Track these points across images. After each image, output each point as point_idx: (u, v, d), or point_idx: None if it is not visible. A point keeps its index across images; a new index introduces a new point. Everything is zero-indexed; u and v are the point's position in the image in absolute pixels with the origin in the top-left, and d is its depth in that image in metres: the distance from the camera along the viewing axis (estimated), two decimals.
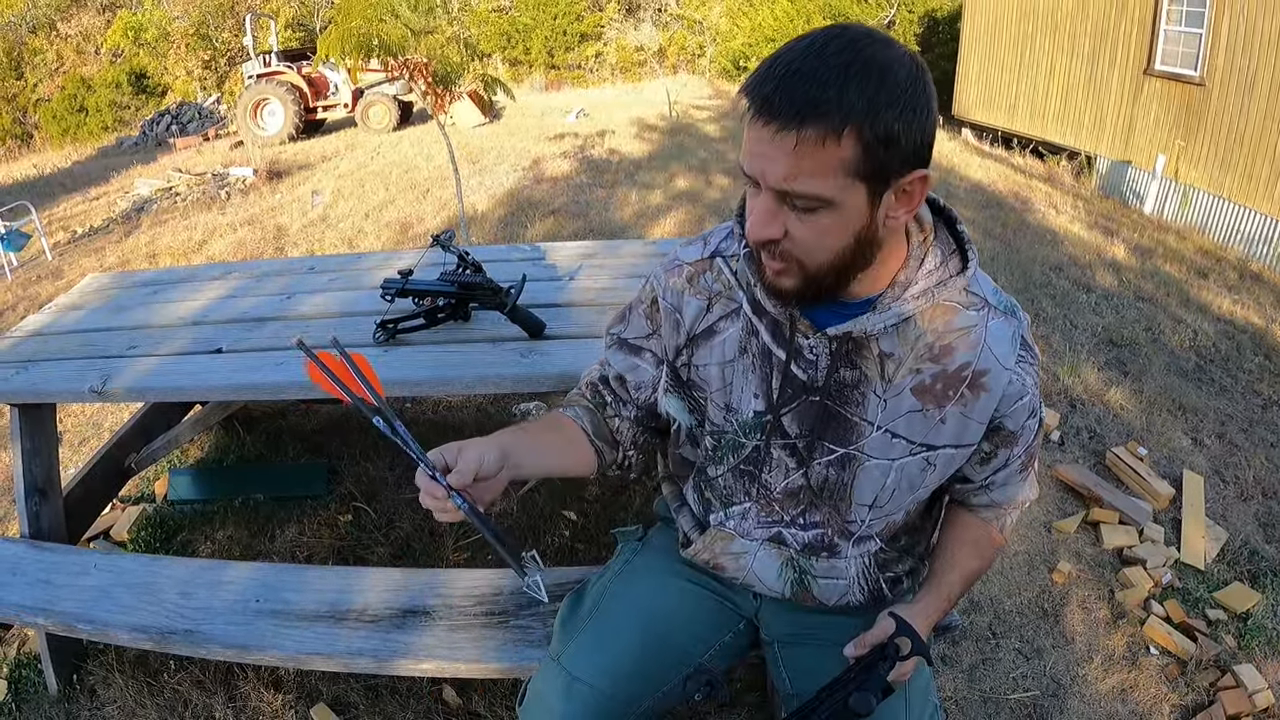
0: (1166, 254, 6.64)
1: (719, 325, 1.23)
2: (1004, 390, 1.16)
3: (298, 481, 3.03)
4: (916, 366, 1.14)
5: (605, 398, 1.38)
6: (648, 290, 1.33)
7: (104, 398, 2.00)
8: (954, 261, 1.14)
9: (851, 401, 1.17)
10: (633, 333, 1.36)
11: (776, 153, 0.95)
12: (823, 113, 0.91)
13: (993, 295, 1.17)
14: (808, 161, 0.94)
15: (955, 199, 7.70)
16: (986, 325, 1.14)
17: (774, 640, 1.46)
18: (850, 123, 0.92)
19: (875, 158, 0.94)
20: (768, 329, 1.18)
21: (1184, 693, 2.24)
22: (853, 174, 0.95)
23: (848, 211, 0.98)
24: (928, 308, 1.11)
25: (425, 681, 2.19)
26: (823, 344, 1.14)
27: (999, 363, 1.14)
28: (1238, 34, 8.70)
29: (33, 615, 1.88)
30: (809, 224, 0.99)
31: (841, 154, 0.93)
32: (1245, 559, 2.74)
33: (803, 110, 0.91)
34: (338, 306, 2.38)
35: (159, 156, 12.87)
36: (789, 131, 0.93)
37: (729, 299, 1.22)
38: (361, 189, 8.69)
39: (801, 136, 0.92)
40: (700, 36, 20.39)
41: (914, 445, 1.19)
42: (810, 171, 0.94)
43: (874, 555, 1.33)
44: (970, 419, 1.17)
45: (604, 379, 1.41)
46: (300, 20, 22.47)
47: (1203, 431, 3.53)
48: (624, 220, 6.87)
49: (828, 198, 0.96)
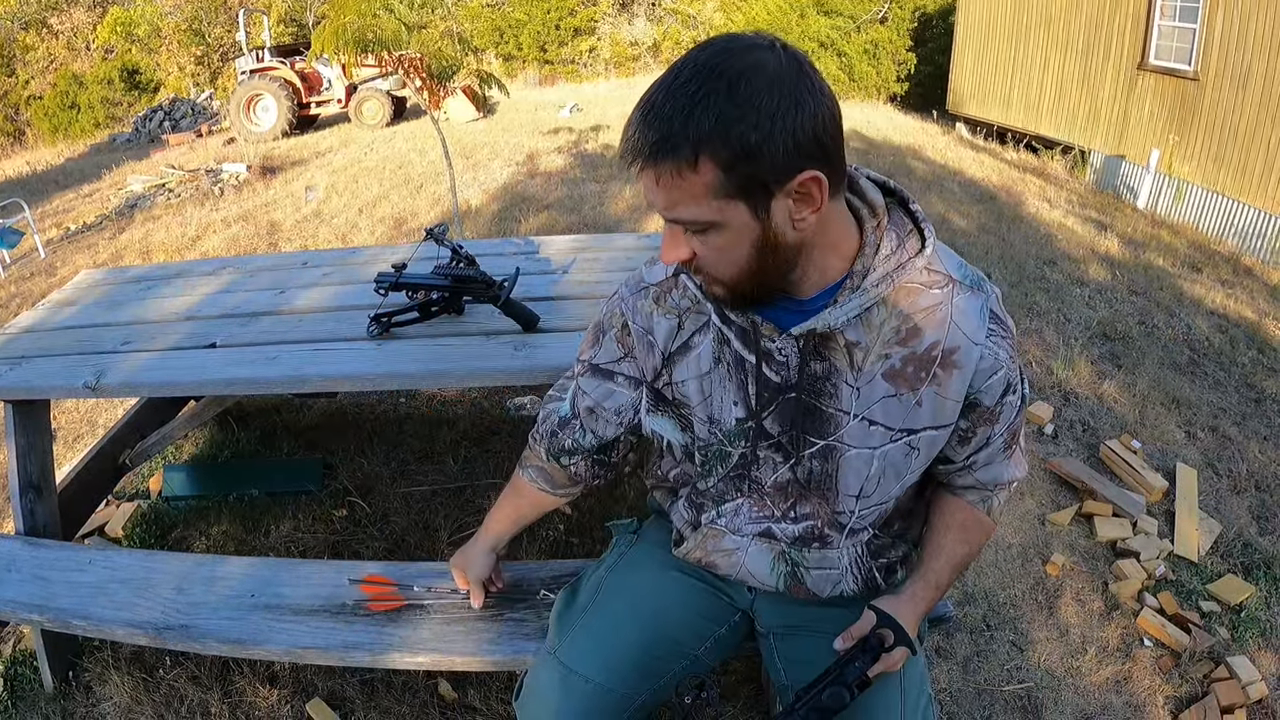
0: (1160, 248, 6.65)
1: (693, 340, 1.23)
2: (976, 366, 1.15)
3: (292, 477, 3.03)
4: (885, 352, 1.13)
5: (564, 444, 1.47)
6: (616, 315, 1.32)
7: (98, 393, 1.99)
8: (911, 242, 1.12)
9: (825, 394, 1.17)
10: (604, 358, 1.36)
11: (653, 187, 1.00)
12: (672, 145, 0.94)
13: (957, 270, 1.16)
14: (675, 192, 0.98)
15: (949, 193, 7.70)
16: (952, 302, 1.13)
17: (769, 632, 1.46)
18: (702, 150, 0.94)
19: (740, 174, 0.95)
20: (737, 336, 1.18)
21: (1178, 684, 2.25)
22: (723, 195, 0.97)
23: (737, 228, 1.00)
24: (890, 291, 1.10)
25: (421, 675, 2.19)
26: (790, 343, 1.14)
27: (968, 338, 1.14)
28: (1231, 28, 8.72)
29: (28, 612, 1.88)
30: (707, 244, 1.03)
31: (703, 180, 0.96)
32: (1238, 551, 2.75)
33: (653, 147, 0.96)
34: (331, 301, 2.37)
35: (152, 153, 12.81)
36: (649, 169, 0.98)
37: (698, 313, 1.22)
38: (355, 184, 8.67)
39: (659, 171, 0.97)
40: (694, 31, 20.37)
41: (893, 432, 1.18)
42: (681, 200, 0.99)
43: (866, 544, 1.33)
44: (946, 398, 1.17)
45: (568, 419, 1.46)
46: (293, 15, 22.39)
47: (1196, 425, 3.54)
48: (617, 214, 6.86)
49: (708, 220, 1.00)
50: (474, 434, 3.28)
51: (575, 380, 1.43)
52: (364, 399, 3.56)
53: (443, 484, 2.97)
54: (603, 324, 1.35)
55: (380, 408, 3.53)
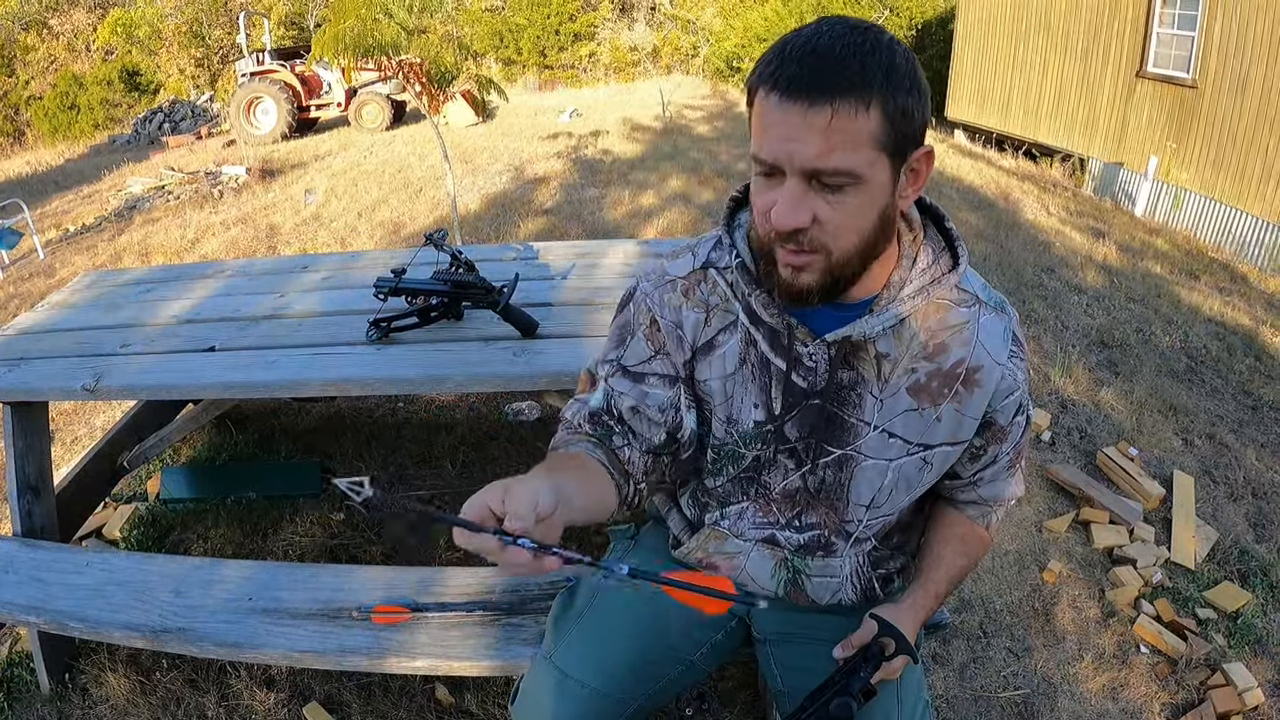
0: (1157, 255, 6.67)
1: (718, 339, 1.21)
2: (996, 385, 1.17)
3: (290, 480, 3.03)
4: (912, 366, 1.15)
5: (612, 427, 1.24)
6: (643, 312, 1.25)
7: (96, 395, 1.99)
8: (945, 259, 1.15)
9: (849, 403, 1.17)
10: (633, 358, 1.27)
11: (808, 132, 0.95)
12: (852, 85, 0.93)
13: (983, 291, 1.18)
14: (840, 135, 0.94)
15: (948, 201, 7.71)
16: (979, 321, 1.15)
17: (765, 638, 1.46)
18: (875, 95, 0.94)
19: (897, 130, 0.96)
20: (766, 338, 1.17)
21: (1174, 691, 2.25)
22: (879, 147, 0.96)
23: (874, 188, 0.99)
24: (922, 307, 1.12)
25: (418, 680, 2.19)
26: (821, 350, 1.14)
27: (991, 358, 1.16)
28: (1230, 36, 8.75)
29: (25, 614, 1.88)
30: (837, 205, 0.99)
31: (870, 126, 0.95)
32: (1235, 558, 2.76)
33: (834, 84, 0.93)
34: (330, 305, 2.37)
35: (151, 155, 12.83)
36: (821, 106, 0.93)
37: (725, 311, 1.20)
38: (354, 188, 8.67)
39: (836, 110, 0.93)
40: (694, 36, 20.42)
41: (911, 445, 1.19)
42: (843, 145, 0.95)
43: (868, 554, 1.34)
44: (965, 415, 1.18)
45: (605, 410, 1.25)
46: (293, 19, 22.42)
47: (1193, 432, 3.55)
48: (617, 220, 6.87)
49: (859, 172, 0.97)
50: (472, 439, 3.28)
51: (604, 382, 1.27)
52: (362, 403, 3.56)
53: (441, 489, 2.97)
54: (628, 324, 1.28)
55: (379, 412, 3.53)
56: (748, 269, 1.15)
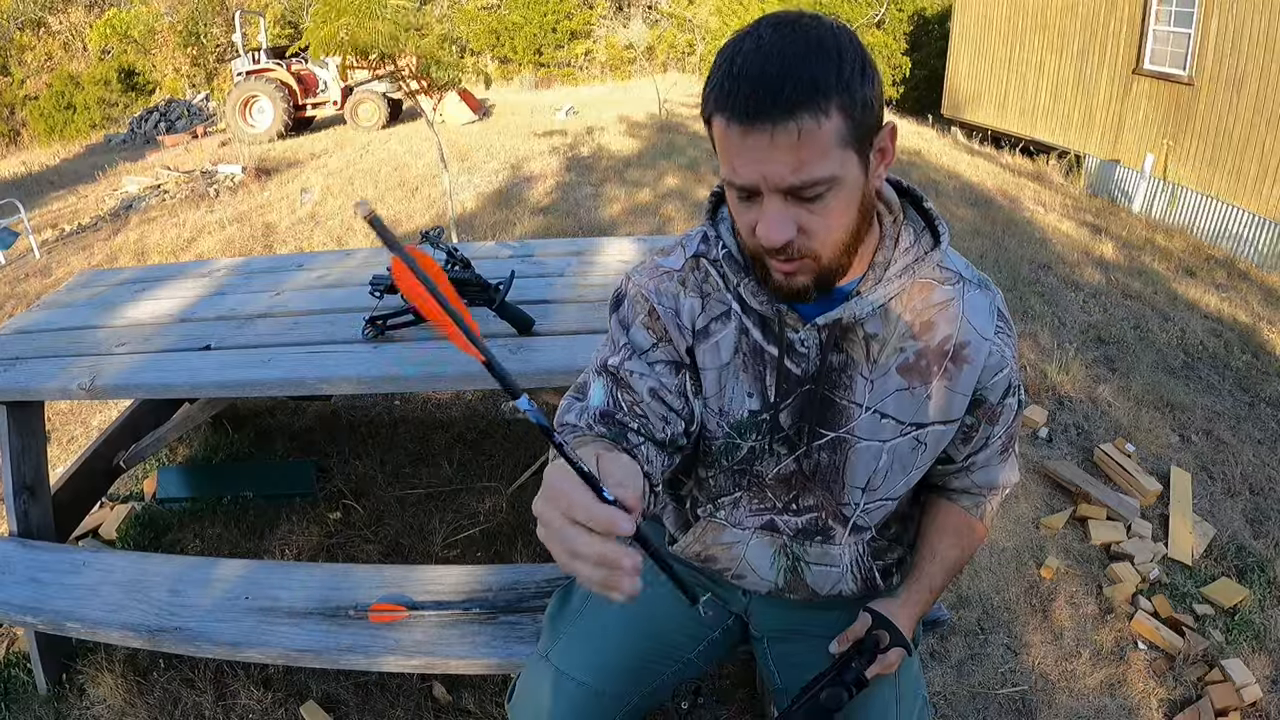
0: (1154, 252, 6.67)
1: (712, 327, 1.21)
2: (985, 361, 1.18)
3: (286, 479, 3.02)
4: (900, 345, 1.15)
5: (625, 423, 1.12)
6: (640, 302, 1.22)
7: (92, 395, 1.99)
8: (926, 238, 1.17)
9: (840, 385, 1.18)
10: (638, 347, 1.22)
11: (778, 152, 0.95)
12: (808, 94, 0.93)
13: (966, 269, 1.20)
14: (808, 149, 0.95)
15: (944, 197, 7.72)
16: (964, 298, 1.16)
17: (763, 636, 1.46)
18: (832, 98, 0.94)
19: (858, 123, 0.97)
20: (757, 326, 1.18)
21: (1172, 687, 2.25)
22: (846, 145, 0.97)
23: (849, 184, 1.00)
24: (908, 286, 1.13)
25: (415, 678, 2.19)
26: (811, 335, 1.15)
27: (978, 334, 1.17)
28: (1226, 34, 8.76)
29: (21, 614, 1.87)
30: (819, 211, 1.00)
31: (834, 127, 0.95)
32: (1232, 554, 2.76)
33: (791, 99, 0.92)
34: (327, 303, 2.37)
35: (147, 154, 12.79)
36: (785, 125, 0.93)
37: (719, 300, 1.20)
38: (350, 186, 8.66)
39: (800, 125, 0.93)
40: (690, 34, 20.40)
41: (903, 425, 1.19)
42: (813, 157, 0.95)
43: (868, 543, 1.34)
44: (955, 392, 1.18)
45: (614, 407, 1.14)
46: (289, 17, 22.37)
47: (1190, 428, 3.55)
48: (612, 217, 6.86)
49: (833, 176, 0.97)
50: (468, 437, 3.28)
51: (604, 377, 1.18)
52: (358, 401, 3.56)
53: (437, 487, 2.97)
54: (624, 318, 1.24)
55: (375, 410, 3.53)
56: (735, 259, 1.16)
